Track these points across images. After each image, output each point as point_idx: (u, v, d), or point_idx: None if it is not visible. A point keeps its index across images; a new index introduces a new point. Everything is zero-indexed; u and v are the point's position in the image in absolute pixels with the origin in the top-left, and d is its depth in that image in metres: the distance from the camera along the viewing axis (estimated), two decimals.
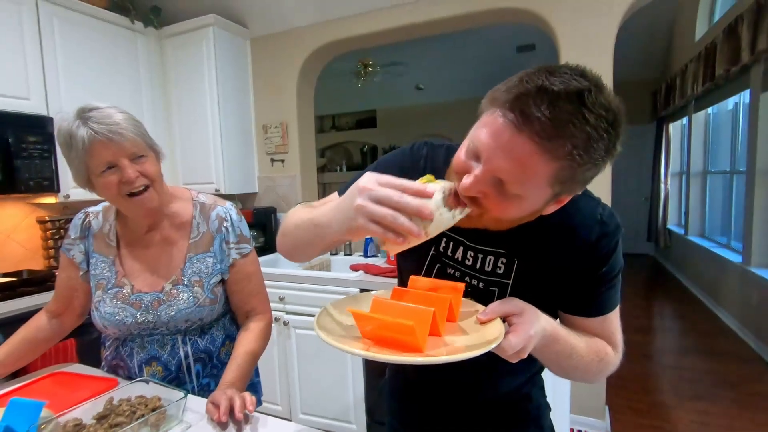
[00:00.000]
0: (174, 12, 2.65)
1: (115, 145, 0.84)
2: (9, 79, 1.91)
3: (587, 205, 0.68)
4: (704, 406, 2.38)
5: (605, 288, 0.68)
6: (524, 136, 0.49)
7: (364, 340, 0.57)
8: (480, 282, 0.72)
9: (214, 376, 1.02)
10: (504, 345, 0.53)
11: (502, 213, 0.57)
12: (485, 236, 0.68)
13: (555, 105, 0.48)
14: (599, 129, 0.49)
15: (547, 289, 0.69)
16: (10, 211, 2.18)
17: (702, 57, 3.85)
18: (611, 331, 0.72)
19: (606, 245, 0.66)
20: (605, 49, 1.99)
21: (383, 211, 0.50)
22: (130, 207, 0.91)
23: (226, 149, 2.60)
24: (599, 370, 0.69)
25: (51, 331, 1.04)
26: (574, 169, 0.51)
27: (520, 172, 0.51)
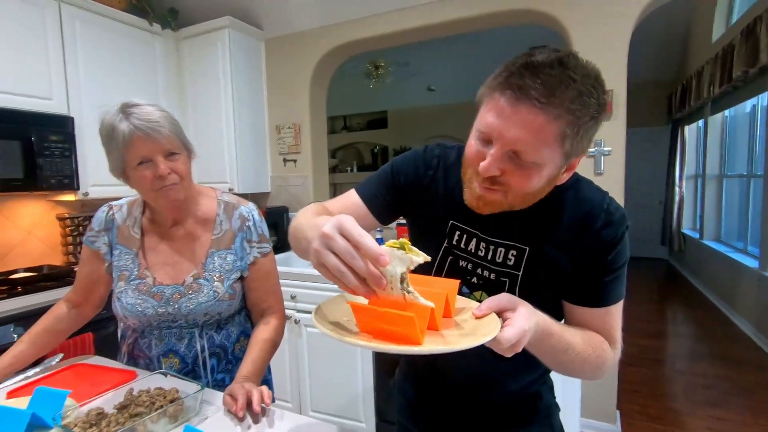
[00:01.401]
0: (190, 14, 2.70)
1: (153, 141, 0.89)
2: (33, 80, 1.96)
3: (595, 196, 0.71)
4: (718, 412, 2.34)
5: (608, 278, 0.69)
6: (526, 105, 0.55)
7: (362, 334, 0.56)
8: (491, 273, 0.74)
9: (228, 372, 1.05)
10: (499, 338, 0.54)
11: (524, 185, 0.61)
12: (497, 228, 0.72)
13: (543, 72, 0.55)
14: (586, 85, 0.56)
15: (554, 279, 0.71)
16: (31, 208, 2.24)
17: (719, 58, 3.79)
18: (611, 326, 0.72)
19: (610, 234, 0.68)
20: (619, 51, 1.98)
21: (333, 262, 0.49)
22: (158, 199, 0.94)
23: (239, 149, 2.64)
24: (596, 366, 0.69)
25: (70, 321, 1.08)
26: (575, 123, 0.56)
27: (531, 138, 0.56)
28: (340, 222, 0.50)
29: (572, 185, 0.72)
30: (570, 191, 0.71)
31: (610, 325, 0.72)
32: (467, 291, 0.77)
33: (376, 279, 0.50)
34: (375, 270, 0.50)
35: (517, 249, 0.72)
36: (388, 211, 0.83)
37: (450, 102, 6.82)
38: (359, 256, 0.49)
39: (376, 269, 0.50)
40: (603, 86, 0.59)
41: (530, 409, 0.85)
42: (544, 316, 0.62)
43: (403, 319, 0.51)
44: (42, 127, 1.96)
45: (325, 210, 0.77)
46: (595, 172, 2.05)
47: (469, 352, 0.51)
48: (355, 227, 0.50)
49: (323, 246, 0.50)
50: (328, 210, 0.79)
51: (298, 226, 0.69)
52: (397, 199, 0.83)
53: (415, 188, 0.81)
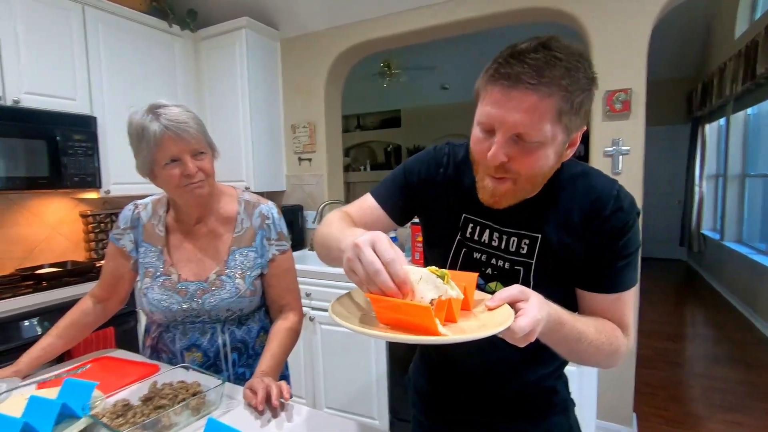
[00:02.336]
0: (209, 15, 2.75)
1: (182, 141, 0.92)
2: (58, 81, 2.03)
3: (605, 182, 0.73)
4: (737, 417, 2.30)
5: (620, 264, 0.70)
6: (519, 89, 0.59)
7: (380, 325, 0.58)
8: (506, 262, 0.76)
9: (249, 366, 1.07)
10: (513, 327, 0.54)
11: (533, 166, 0.64)
12: (510, 219, 0.75)
13: (529, 57, 0.59)
14: (572, 61, 0.59)
15: (566, 266, 0.72)
16: (56, 205, 2.31)
17: (742, 55, 3.70)
18: (624, 312, 0.73)
19: (620, 219, 0.69)
20: (639, 49, 1.95)
21: (361, 272, 0.55)
22: (184, 196, 0.98)
23: (255, 148, 2.67)
24: (609, 353, 0.70)
25: (95, 316, 1.11)
26: (568, 98, 0.59)
27: (530, 118, 0.59)
28: (374, 239, 0.55)
29: (582, 174, 0.74)
30: (580, 180, 0.73)
31: (622, 312, 0.73)
32: (482, 282, 0.78)
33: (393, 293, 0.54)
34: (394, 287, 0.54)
35: (530, 237, 0.74)
36: (403, 212, 0.87)
37: (464, 100, 6.77)
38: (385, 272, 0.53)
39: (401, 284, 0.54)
40: (589, 62, 0.62)
41: (546, 402, 0.85)
42: (556, 306, 0.63)
43: (420, 309, 0.52)
44: (66, 127, 2.02)
45: (347, 216, 0.82)
46: (613, 172, 2.02)
47: (483, 342, 0.53)
48: (387, 249, 0.54)
49: (354, 255, 0.56)
50: (349, 215, 0.83)
51: (327, 234, 0.73)
52: (411, 199, 0.86)
53: (427, 186, 0.84)
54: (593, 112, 2.08)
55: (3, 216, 2.11)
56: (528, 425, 0.84)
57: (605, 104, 2.03)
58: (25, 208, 2.18)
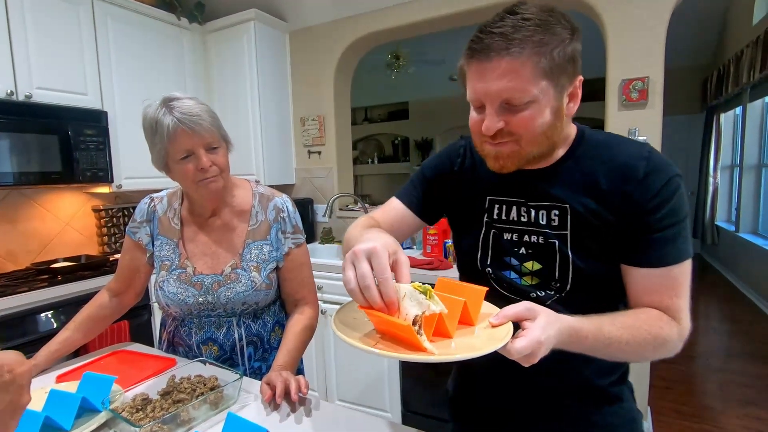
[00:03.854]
0: (216, 7, 2.73)
1: (196, 134, 0.91)
2: (68, 75, 2.03)
3: (633, 144, 0.70)
4: (755, 411, 2.26)
5: (662, 234, 0.65)
6: (494, 59, 0.60)
7: (376, 335, 0.59)
8: (539, 237, 0.73)
9: (264, 360, 1.07)
10: (509, 348, 0.53)
11: (530, 125, 0.63)
12: (535, 192, 0.73)
13: (496, 27, 0.60)
14: (542, 17, 0.60)
15: (601, 235, 0.68)
16: (69, 200, 2.32)
17: (760, 42, 3.60)
18: (673, 293, 0.66)
19: (656, 182, 0.65)
20: (657, 36, 1.90)
21: (353, 283, 0.56)
22: (199, 190, 0.97)
23: (265, 141, 2.66)
24: (656, 347, 0.65)
25: (112, 309, 1.11)
26: (545, 52, 0.59)
27: (512, 83, 0.60)
28: (372, 252, 0.56)
29: (607, 139, 0.72)
30: (605, 145, 0.71)
31: (671, 291, 0.66)
32: (517, 263, 0.75)
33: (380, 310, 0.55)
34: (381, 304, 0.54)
35: (559, 208, 0.71)
36: (426, 209, 0.88)
37: None
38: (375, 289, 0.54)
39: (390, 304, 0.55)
40: (561, 14, 0.63)
41: (611, 410, 0.78)
42: (572, 319, 0.59)
43: (404, 328, 0.53)
44: (78, 122, 2.02)
45: (373, 221, 0.84)
46: None
47: None
48: (384, 267, 0.55)
49: (350, 262, 0.57)
50: (375, 220, 0.85)
51: (349, 236, 0.77)
52: (431, 195, 0.87)
53: (447, 178, 0.85)
54: (608, 101, 2.03)
55: (17, 211, 2.13)
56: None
57: (621, 93, 1.98)
58: (38, 202, 2.20)
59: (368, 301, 0.55)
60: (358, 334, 0.59)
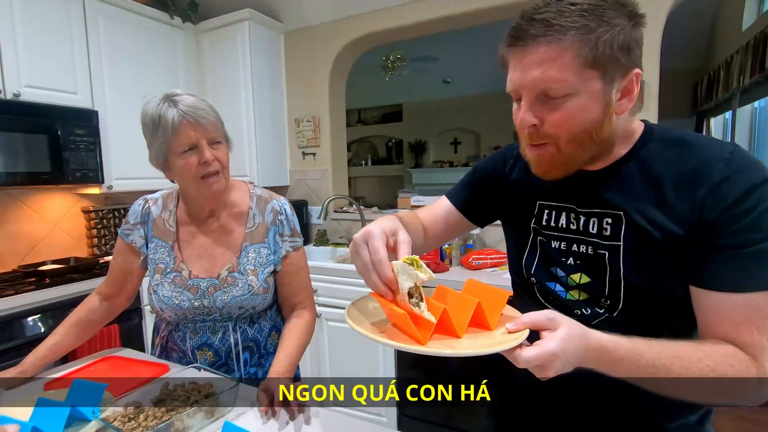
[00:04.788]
0: (210, 7, 2.70)
1: (201, 127, 0.90)
2: (58, 74, 1.98)
3: (713, 144, 0.59)
4: (747, 414, 2.27)
5: (740, 251, 0.54)
6: (532, 46, 0.56)
7: (383, 326, 0.60)
8: (588, 246, 0.66)
9: (260, 366, 1.05)
10: (515, 355, 0.49)
11: (568, 123, 0.57)
12: (589, 197, 0.66)
13: (538, 13, 0.55)
14: (592, 2, 0.54)
15: (662, 250, 0.58)
16: (58, 201, 2.27)
17: (750, 47, 3.65)
18: (756, 327, 0.54)
19: (736, 189, 0.54)
20: (652, 40, 1.91)
21: (357, 264, 0.59)
22: (201, 188, 0.95)
23: (259, 142, 2.63)
24: (722, 391, 0.54)
25: (102, 313, 1.08)
26: (590, 39, 0.53)
27: (549, 72, 0.55)
28: (367, 235, 0.57)
29: (681, 138, 0.61)
30: (677, 145, 0.61)
31: (752, 325, 0.54)
32: (563, 275, 0.69)
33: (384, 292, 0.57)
34: (384, 287, 0.56)
35: (612, 216, 0.63)
36: (476, 210, 0.86)
37: (466, 94, 6.73)
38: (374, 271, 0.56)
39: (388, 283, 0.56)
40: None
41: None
42: (606, 336, 0.53)
43: (401, 317, 0.54)
44: (67, 121, 1.98)
45: (413, 216, 0.82)
46: None
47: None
48: (377, 249, 0.56)
49: (353, 251, 0.59)
50: (418, 218, 0.83)
51: None
52: (481, 196, 0.84)
53: (497, 180, 0.82)
54: None
55: (4, 212, 2.08)
56: None
57: None
58: (26, 203, 2.15)
59: (371, 286, 0.57)
60: (368, 321, 0.61)
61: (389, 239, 0.58)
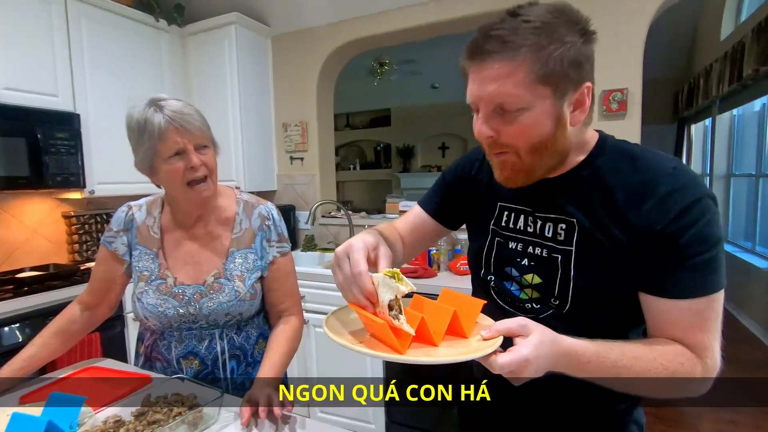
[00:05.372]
0: (197, 10, 2.67)
1: (187, 132, 0.88)
2: (38, 76, 1.94)
3: (660, 159, 0.63)
4: (732, 416, 2.32)
5: (687, 263, 0.58)
6: (489, 61, 0.58)
7: (363, 336, 0.61)
8: (543, 249, 0.69)
9: (247, 375, 1.03)
10: (491, 361, 0.52)
11: (524, 135, 0.60)
12: (546, 203, 0.70)
13: (494, 30, 0.58)
14: (546, 18, 0.57)
15: (616, 258, 0.62)
16: (37, 205, 2.21)
17: (728, 57, 3.76)
18: (699, 328, 0.59)
19: (680, 202, 0.58)
20: (635, 49, 1.95)
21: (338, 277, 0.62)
22: (188, 194, 0.93)
23: (246, 147, 2.61)
24: (673, 386, 0.59)
25: (83, 323, 1.05)
26: (541, 56, 0.56)
27: (503, 87, 0.58)
28: (348, 249, 0.60)
29: (631, 151, 0.65)
30: (627, 157, 0.64)
31: (697, 327, 0.59)
32: (517, 275, 0.73)
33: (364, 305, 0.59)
34: (363, 299, 0.58)
35: (566, 222, 0.67)
36: (447, 213, 0.87)
37: (454, 100, 6.78)
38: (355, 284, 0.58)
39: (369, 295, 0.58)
40: (571, 16, 0.58)
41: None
42: (574, 341, 0.56)
43: (379, 327, 0.56)
44: (48, 125, 1.93)
45: (388, 227, 0.83)
46: None
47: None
48: (357, 261, 0.59)
49: (335, 264, 0.62)
50: (393, 227, 0.85)
51: None
52: (450, 199, 0.86)
53: (465, 183, 0.84)
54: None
55: None
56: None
57: (602, 104, 2.03)
58: (3, 209, 2.09)
59: (353, 299, 0.59)
60: (347, 331, 0.62)
61: (370, 253, 0.61)
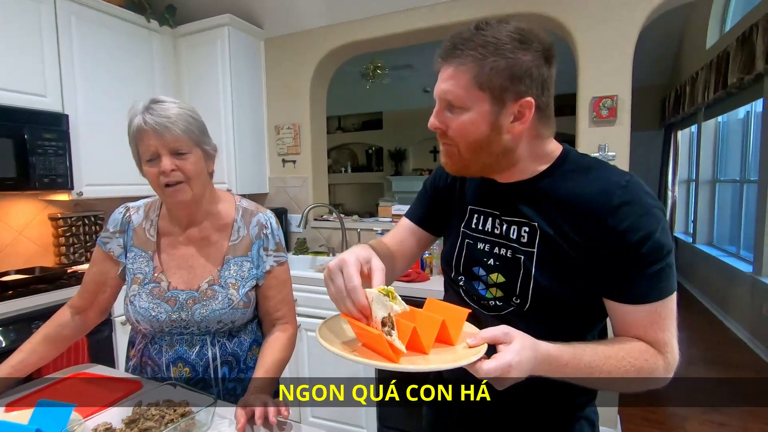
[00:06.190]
0: (189, 11, 2.65)
1: (159, 137, 0.87)
2: (26, 76, 1.90)
3: (614, 172, 0.68)
4: (720, 418, 2.35)
5: (644, 271, 0.63)
6: (446, 62, 0.66)
7: (357, 345, 0.63)
8: (507, 250, 0.74)
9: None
10: (477, 368, 0.55)
11: (462, 132, 0.67)
12: (512, 207, 0.74)
13: (457, 37, 0.65)
14: (498, 35, 0.63)
15: (574, 261, 0.67)
16: (23, 207, 2.17)
17: (714, 65, 3.84)
18: (658, 327, 0.66)
19: (629, 214, 0.62)
20: (625, 56, 1.98)
21: (331, 290, 0.64)
22: (166, 197, 0.93)
23: (238, 149, 2.59)
24: (640, 381, 0.65)
25: (74, 328, 1.03)
26: (482, 64, 0.62)
27: (450, 86, 0.65)
28: (342, 263, 0.62)
29: (590, 165, 0.71)
30: (586, 170, 0.70)
31: (656, 326, 0.65)
32: (484, 274, 0.76)
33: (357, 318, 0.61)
34: (357, 314, 0.61)
35: (529, 226, 0.71)
36: (431, 220, 0.91)
37: None
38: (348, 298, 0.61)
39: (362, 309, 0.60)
40: (532, 35, 0.64)
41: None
42: (551, 346, 0.60)
43: (375, 336, 0.57)
44: (35, 125, 1.90)
45: (377, 242, 0.85)
46: None
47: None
48: (351, 276, 0.60)
49: (328, 275, 0.64)
50: (381, 241, 0.87)
51: None
52: (434, 206, 0.90)
53: (442, 190, 0.88)
54: (579, 118, 2.10)
55: None
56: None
57: (592, 110, 2.05)
58: None
59: (346, 311, 0.61)
60: (339, 340, 0.64)
61: (363, 267, 0.63)
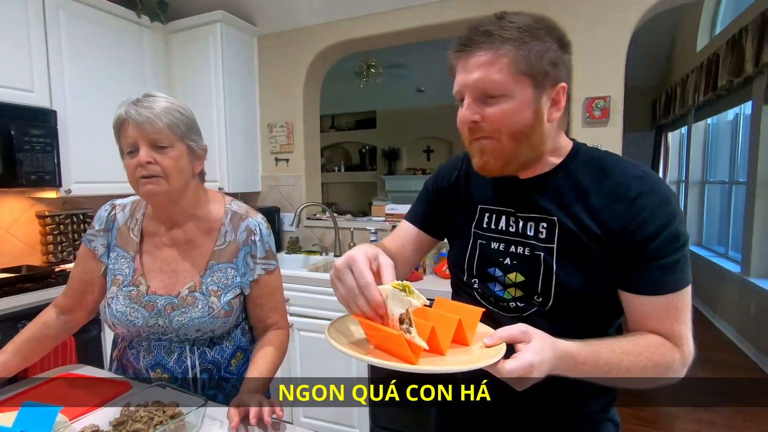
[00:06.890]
0: (181, 7, 2.62)
1: (139, 128, 0.84)
2: (13, 70, 1.86)
3: (628, 164, 0.68)
4: (709, 416, 2.38)
5: (659, 262, 0.63)
6: (474, 51, 0.63)
7: (368, 347, 0.60)
8: (525, 248, 0.72)
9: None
10: (499, 368, 0.53)
11: (506, 119, 0.63)
12: (526, 203, 0.72)
13: (482, 25, 0.63)
14: (527, 23, 0.62)
15: (594, 253, 0.66)
16: (9, 204, 2.13)
17: (704, 68, 3.88)
18: (673, 319, 0.65)
19: (647, 204, 0.63)
20: (618, 57, 1.99)
21: (340, 290, 0.60)
22: (139, 191, 0.89)
23: (230, 147, 2.56)
24: (657, 376, 0.64)
25: (59, 328, 1.00)
26: (524, 48, 0.61)
27: (487, 74, 0.62)
28: (351, 261, 0.59)
29: (602, 156, 0.70)
30: (599, 161, 0.70)
31: (671, 318, 0.65)
32: (501, 274, 0.74)
33: (372, 317, 0.58)
34: (372, 312, 0.57)
35: (547, 221, 0.70)
36: (433, 223, 0.88)
37: (439, 103, 6.82)
38: (361, 296, 0.57)
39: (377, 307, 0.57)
40: (551, 26, 0.64)
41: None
42: (569, 344, 0.59)
43: (394, 337, 0.55)
44: (22, 121, 1.86)
45: (382, 246, 0.82)
46: None
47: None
48: (363, 273, 0.57)
49: (335, 275, 0.61)
50: (385, 246, 0.83)
51: None
52: (436, 208, 0.87)
53: (445, 191, 0.86)
54: (572, 118, 2.11)
55: None
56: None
57: (585, 111, 2.06)
58: None
59: (358, 310, 0.58)
60: (347, 341, 0.61)
61: (371, 264, 0.60)
